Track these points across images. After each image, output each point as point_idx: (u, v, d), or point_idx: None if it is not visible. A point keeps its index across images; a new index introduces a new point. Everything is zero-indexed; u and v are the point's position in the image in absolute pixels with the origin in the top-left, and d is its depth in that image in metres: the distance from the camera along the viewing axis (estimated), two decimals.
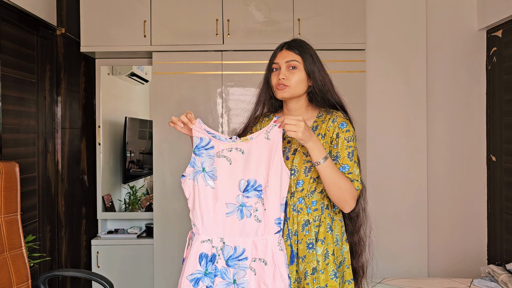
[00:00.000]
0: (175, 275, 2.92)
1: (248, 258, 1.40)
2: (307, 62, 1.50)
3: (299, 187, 1.49)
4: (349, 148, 1.48)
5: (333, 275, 1.46)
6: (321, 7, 2.91)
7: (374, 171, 3.07)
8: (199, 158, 1.46)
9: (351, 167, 1.46)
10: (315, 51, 1.56)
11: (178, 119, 1.47)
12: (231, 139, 1.46)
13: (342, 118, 1.52)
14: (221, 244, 1.42)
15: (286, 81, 1.50)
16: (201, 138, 1.46)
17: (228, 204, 1.43)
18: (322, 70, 1.53)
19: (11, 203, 1.71)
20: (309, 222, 1.48)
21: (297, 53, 1.51)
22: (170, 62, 2.95)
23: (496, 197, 3.04)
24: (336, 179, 1.40)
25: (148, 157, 3.55)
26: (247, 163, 1.43)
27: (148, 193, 3.65)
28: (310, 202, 1.49)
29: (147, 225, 3.20)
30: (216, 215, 1.43)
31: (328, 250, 1.47)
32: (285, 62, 1.51)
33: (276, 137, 1.42)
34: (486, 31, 3.13)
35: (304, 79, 1.51)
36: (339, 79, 2.93)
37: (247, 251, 1.40)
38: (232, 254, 1.41)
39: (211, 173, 1.44)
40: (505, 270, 2.50)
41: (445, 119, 3.16)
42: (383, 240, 3.05)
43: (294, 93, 1.51)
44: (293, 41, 1.56)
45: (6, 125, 2.34)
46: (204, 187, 1.44)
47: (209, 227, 1.43)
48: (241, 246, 1.41)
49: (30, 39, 2.62)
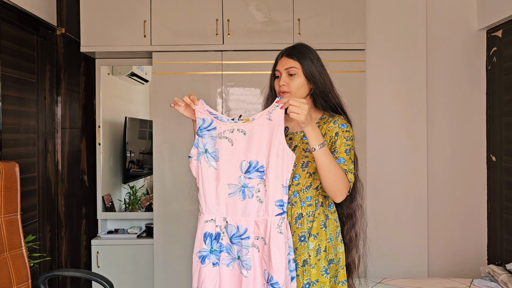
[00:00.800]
0: (175, 275, 2.92)
1: (250, 237, 1.43)
2: (306, 67, 1.55)
3: (295, 180, 1.52)
4: (347, 145, 1.51)
5: (324, 271, 1.50)
6: (321, 7, 2.91)
7: (374, 171, 3.07)
8: (202, 139, 1.47)
9: (347, 161, 1.50)
10: (317, 54, 1.60)
11: (179, 99, 1.49)
12: (233, 119, 1.47)
13: (343, 120, 1.57)
14: (224, 223, 1.46)
15: (286, 88, 1.55)
16: (203, 119, 1.47)
17: (230, 184, 1.45)
18: (322, 73, 1.58)
19: (11, 203, 1.71)
20: (302, 216, 1.51)
21: (296, 60, 1.56)
22: (170, 62, 2.95)
23: (496, 197, 3.04)
24: (332, 167, 1.42)
25: (148, 157, 3.56)
26: (249, 144, 1.44)
27: (148, 193, 3.65)
28: (305, 197, 1.52)
29: (147, 225, 3.20)
30: (219, 195, 1.45)
31: (320, 246, 1.51)
32: (285, 69, 1.56)
33: (278, 118, 1.42)
34: (486, 31, 3.13)
35: (304, 84, 1.56)
36: (339, 79, 2.93)
37: (249, 230, 1.43)
38: (235, 233, 1.44)
39: (214, 154, 1.46)
40: (505, 270, 2.50)
41: (445, 119, 3.16)
42: (383, 240, 3.05)
43: (295, 97, 1.53)
44: (292, 48, 1.60)
45: (6, 125, 2.34)
46: (207, 168, 1.46)
47: (212, 207, 1.46)
48: (243, 226, 1.43)
49: (30, 39, 2.62)
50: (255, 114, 1.46)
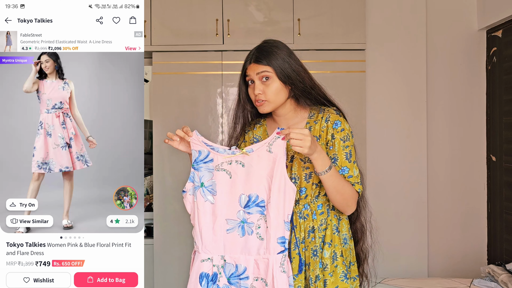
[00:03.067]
0: (175, 275, 2.92)
1: (249, 277, 1.35)
2: (279, 70, 1.40)
3: (302, 194, 1.45)
4: (346, 148, 1.43)
5: (343, 277, 1.43)
6: (321, 7, 2.91)
7: (374, 171, 3.07)
8: (198, 172, 1.39)
9: (350, 169, 1.42)
10: (288, 49, 1.46)
11: (173, 134, 1.41)
12: (230, 149, 1.38)
13: (335, 116, 1.45)
14: (222, 262, 1.37)
15: (262, 96, 1.42)
16: (199, 151, 1.39)
17: (229, 220, 1.37)
18: (299, 70, 1.44)
19: None
20: (314, 229, 1.44)
21: (265, 64, 1.41)
22: (170, 62, 2.95)
23: (496, 197, 3.04)
24: (340, 187, 1.36)
25: (148, 157, 3.55)
26: (248, 177, 1.36)
27: (148, 193, 3.65)
28: (316, 207, 1.45)
29: (147, 225, 3.19)
30: (216, 232, 1.37)
31: (336, 252, 1.44)
32: (256, 75, 1.42)
33: (280, 151, 1.34)
34: (486, 31, 3.13)
35: (281, 88, 1.42)
36: (339, 79, 2.96)
37: (249, 270, 1.35)
38: (234, 272, 1.36)
39: (210, 188, 1.38)
40: (505, 270, 2.50)
41: (445, 119, 3.16)
42: (383, 240, 3.04)
43: (275, 104, 1.44)
44: (259, 51, 1.44)
45: None
46: (203, 203, 1.38)
47: (208, 245, 1.37)
48: (242, 264, 1.36)
49: None
50: (253, 145, 1.38)
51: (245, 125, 1.55)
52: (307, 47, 2.91)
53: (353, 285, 1.48)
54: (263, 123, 1.58)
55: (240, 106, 1.52)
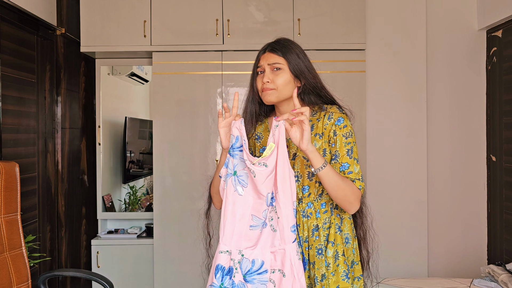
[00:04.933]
0: (175, 275, 2.92)
1: (267, 270, 1.32)
2: (292, 63, 1.42)
3: (305, 192, 1.44)
4: (347, 145, 1.42)
5: (344, 276, 1.42)
6: (321, 7, 2.91)
7: (374, 171, 3.07)
8: (233, 159, 1.35)
9: (351, 165, 1.41)
10: (302, 50, 1.48)
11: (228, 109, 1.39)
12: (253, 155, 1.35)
13: (338, 113, 1.45)
14: (239, 257, 1.34)
15: (271, 84, 1.41)
16: (237, 137, 1.34)
17: (254, 216, 1.33)
18: (311, 68, 1.46)
19: (11, 203, 1.71)
20: (318, 227, 1.43)
21: (280, 55, 1.42)
22: (170, 62, 2.95)
23: (496, 197, 3.04)
24: (339, 182, 1.34)
25: (148, 157, 3.55)
26: (267, 177, 1.32)
27: (148, 193, 3.65)
28: (319, 205, 1.44)
29: (147, 225, 3.20)
30: (239, 225, 1.33)
31: (338, 251, 1.43)
32: (268, 65, 1.43)
33: (280, 138, 1.31)
34: (486, 31, 3.13)
35: (290, 80, 1.43)
36: (339, 79, 2.96)
37: (266, 263, 1.32)
38: (250, 268, 1.33)
39: (241, 178, 1.34)
40: (505, 270, 2.50)
41: (445, 119, 3.16)
42: (383, 240, 3.04)
43: (281, 95, 1.43)
44: (276, 43, 1.47)
45: (6, 125, 2.34)
46: (232, 193, 1.34)
47: (229, 237, 1.34)
48: (259, 259, 1.33)
49: (30, 39, 2.62)
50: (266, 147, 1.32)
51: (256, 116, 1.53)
52: (307, 47, 2.86)
53: (357, 285, 1.48)
54: (264, 121, 1.58)
55: (251, 93, 1.51)
